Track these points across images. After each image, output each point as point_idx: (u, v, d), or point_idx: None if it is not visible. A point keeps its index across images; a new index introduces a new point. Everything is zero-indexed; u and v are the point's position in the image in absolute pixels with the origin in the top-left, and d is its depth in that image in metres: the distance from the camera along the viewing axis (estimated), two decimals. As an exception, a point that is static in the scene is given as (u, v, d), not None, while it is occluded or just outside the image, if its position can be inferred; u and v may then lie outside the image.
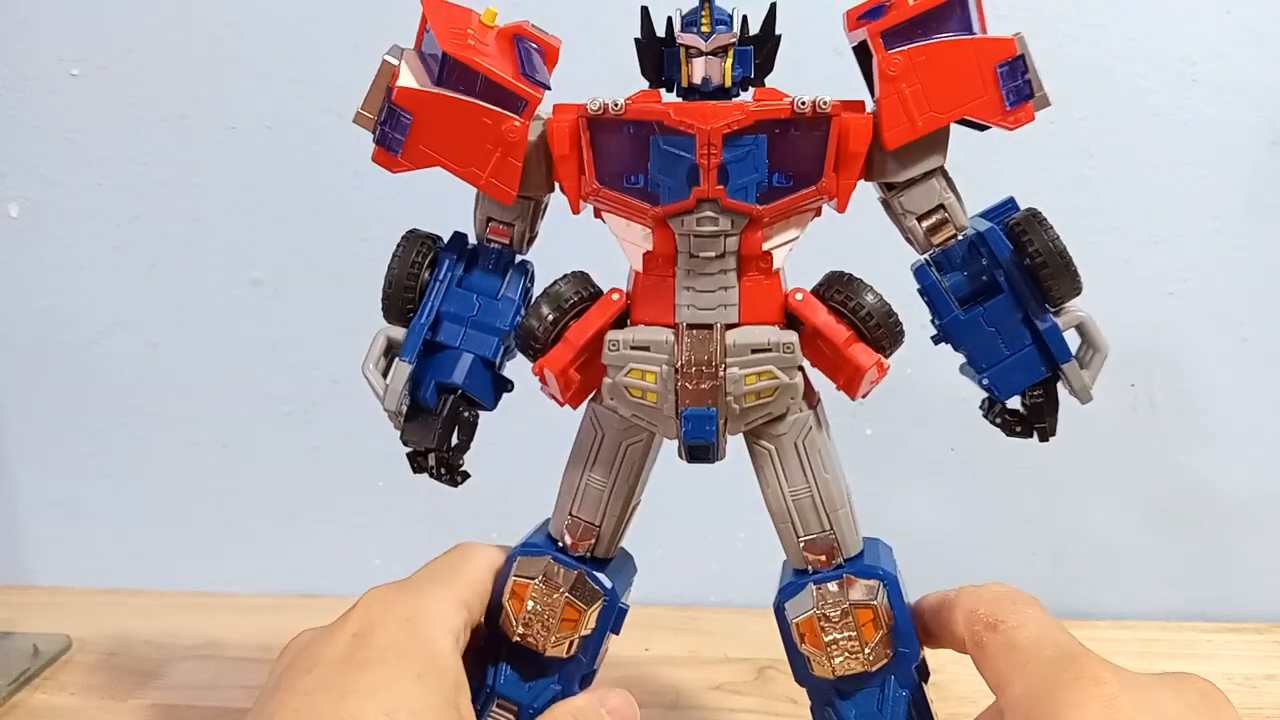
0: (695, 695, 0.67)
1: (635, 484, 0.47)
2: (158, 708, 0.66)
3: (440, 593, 0.44)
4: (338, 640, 0.40)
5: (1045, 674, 0.39)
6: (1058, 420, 0.46)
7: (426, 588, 0.44)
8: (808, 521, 0.46)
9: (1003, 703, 0.40)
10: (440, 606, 0.43)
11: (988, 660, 0.41)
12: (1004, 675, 0.40)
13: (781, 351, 0.43)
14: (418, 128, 0.43)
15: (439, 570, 0.46)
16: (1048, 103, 0.42)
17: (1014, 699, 0.39)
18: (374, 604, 0.42)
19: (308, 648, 0.41)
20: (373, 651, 0.40)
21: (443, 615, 0.43)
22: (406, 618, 0.42)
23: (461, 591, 0.45)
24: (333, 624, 0.42)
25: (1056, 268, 0.43)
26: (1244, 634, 0.74)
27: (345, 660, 0.39)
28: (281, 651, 0.43)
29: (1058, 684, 0.38)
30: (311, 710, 0.38)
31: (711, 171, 0.41)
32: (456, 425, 0.46)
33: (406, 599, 0.43)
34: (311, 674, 0.39)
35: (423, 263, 0.46)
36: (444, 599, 0.44)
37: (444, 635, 0.42)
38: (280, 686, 0.40)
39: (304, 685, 0.39)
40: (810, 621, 0.45)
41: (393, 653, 0.40)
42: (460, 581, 0.45)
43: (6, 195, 0.78)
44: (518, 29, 0.44)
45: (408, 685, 0.39)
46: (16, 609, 0.78)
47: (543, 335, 0.45)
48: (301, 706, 0.38)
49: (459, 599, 0.44)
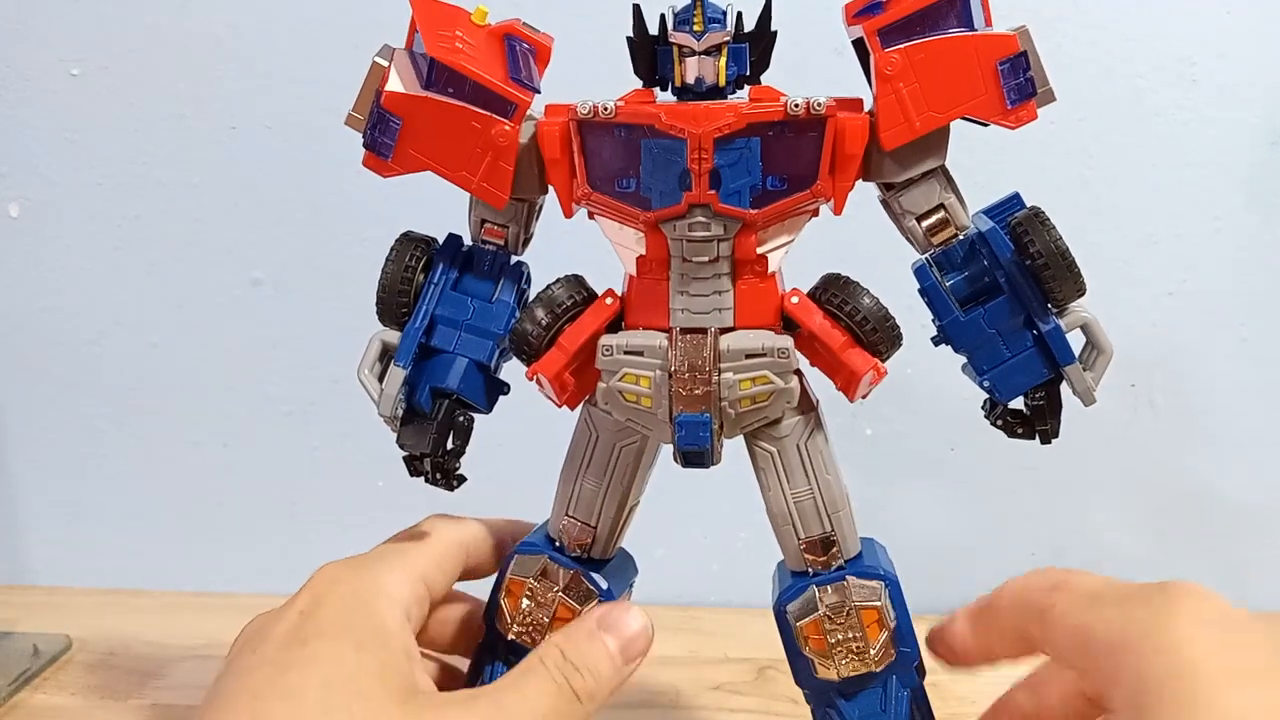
0: (695, 695, 0.67)
1: (630, 485, 0.47)
2: (158, 708, 0.66)
3: (391, 567, 0.44)
4: (286, 618, 0.41)
5: (1137, 602, 0.37)
6: (1060, 422, 0.45)
7: (377, 564, 0.44)
8: (809, 523, 0.46)
9: (1094, 648, 0.38)
10: (389, 579, 0.43)
11: (1058, 619, 0.39)
12: (1085, 621, 0.38)
13: (776, 356, 0.43)
14: (407, 132, 0.42)
15: (394, 545, 0.46)
16: (1052, 98, 0.42)
17: (1107, 634, 0.37)
18: (321, 582, 0.43)
19: (258, 630, 0.41)
20: (316, 627, 0.40)
21: (390, 588, 0.43)
22: (352, 592, 0.42)
23: (416, 565, 0.45)
24: (284, 604, 0.42)
25: (1058, 268, 0.42)
26: (1244, 634, 0.73)
27: (289, 637, 0.40)
28: (237, 635, 0.43)
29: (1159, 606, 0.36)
30: (252, 688, 0.38)
31: (703, 176, 0.41)
32: (452, 429, 0.46)
33: (354, 574, 0.43)
34: (256, 653, 0.39)
35: (417, 266, 0.46)
36: (394, 572, 0.44)
37: (390, 607, 0.42)
38: (228, 668, 0.40)
39: (249, 663, 0.39)
40: (815, 624, 0.45)
41: (335, 625, 0.40)
42: (416, 555, 0.45)
43: (6, 195, 0.78)
44: (508, 28, 0.43)
45: (346, 655, 0.39)
46: (16, 609, 0.78)
47: (537, 339, 0.44)
48: (244, 685, 0.38)
49: (413, 573, 0.44)
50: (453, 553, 0.47)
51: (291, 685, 0.38)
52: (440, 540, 0.47)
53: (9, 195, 0.78)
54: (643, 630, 0.44)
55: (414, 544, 0.46)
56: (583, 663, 0.42)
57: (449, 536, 0.47)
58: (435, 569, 0.46)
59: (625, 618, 0.44)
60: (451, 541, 0.47)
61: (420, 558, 0.45)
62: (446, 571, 0.46)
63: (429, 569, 0.45)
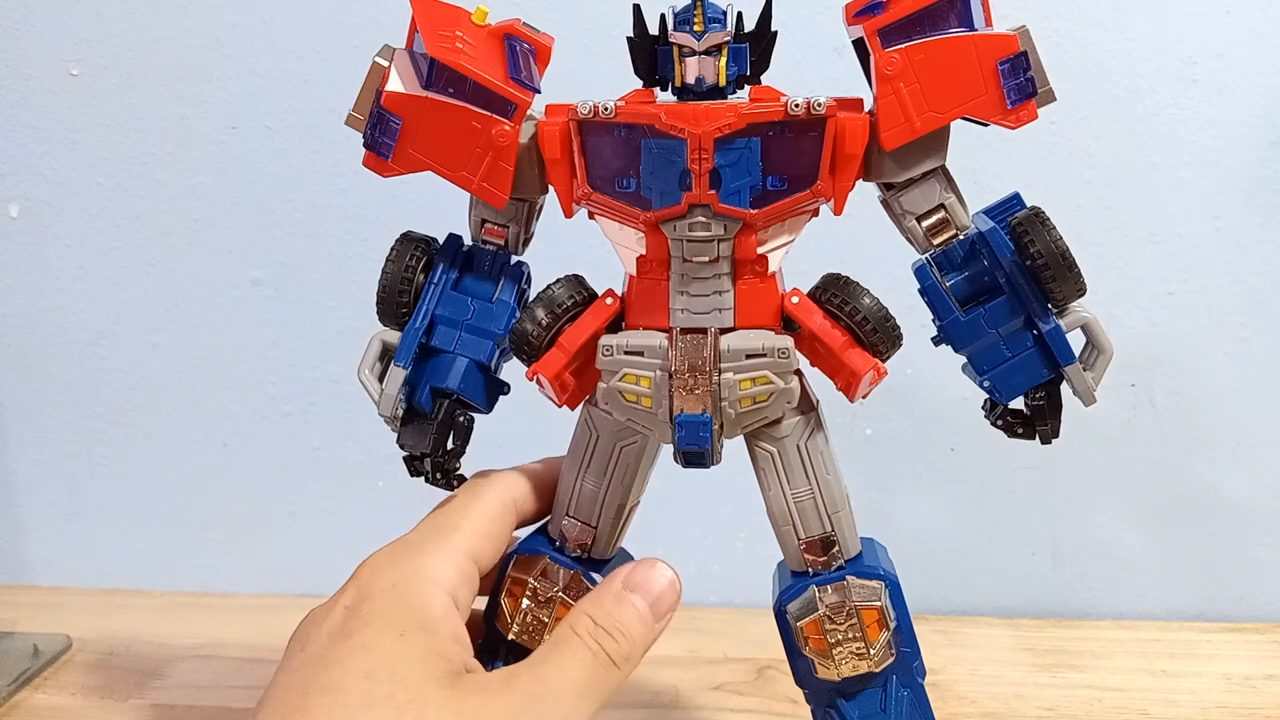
0: (695, 695, 0.67)
1: (630, 485, 0.47)
2: (158, 708, 0.66)
3: (435, 549, 0.43)
4: (334, 614, 0.41)
5: None
6: (1060, 422, 0.45)
7: (419, 548, 0.43)
8: (809, 523, 0.46)
9: None
10: (432, 564, 0.42)
11: None
12: None
13: (777, 356, 0.43)
14: (407, 132, 0.42)
15: (439, 522, 0.45)
16: (1053, 98, 0.41)
17: None
18: (365, 573, 0.42)
19: (307, 626, 0.42)
20: (359, 620, 0.40)
21: (434, 573, 0.42)
22: (394, 582, 0.41)
23: (463, 543, 0.44)
24: (331, 598, 0.42)
25: (1058, 269, 0.42)
26: (1244, 634, 0.74)
27: (335, 633, 0.40)
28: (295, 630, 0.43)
29: None
30: (298, 685, 0.38)
31: (703, 176, 0.41)
32: (452, 429, 0.46)
33: (396, 563, 0.43)
34: (305, 650, 0.40)
35: (417, 266, 0.46)
36: (438, 555, 0.43)
37: (434, 592, 0.41)
38: (279, 668, 0.40)
39: (296, 663, 0.39)
40: (815, 624, 0.45)
41: (378, 617, 0.40)
42: (462, 532, 0.44)
43: (6, 195, 0.78)
44: (508, 28, 0.43)
45: (388, 644, 0.39)
46: (16, 609, 0.78)
47: (537, 339, 0.44)
48: (290, 683, 0.38)
49: (458, 551, 0.43)
50: (500, 516, 0.46)
51: (334, 680, 0.38)
52: (486, 509, 0.45)
53: (9, 195, 0.78)
54: (670, 585, 0.43)
55: (458, 518, 0.45)
56: (613, 626, 0.41)
57: (493, 500, 0.46)
58: (482, 541, 0.45)
59: (651, 574, 0.43)
60: (498, 503, 0.46)
61: (465, 536, 0.44)
62: (495, 538, 0.45)
63: (475, 544, 0.44)
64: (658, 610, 0.43)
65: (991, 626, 0.75)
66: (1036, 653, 0.71)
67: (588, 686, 0.40)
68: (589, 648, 0.41)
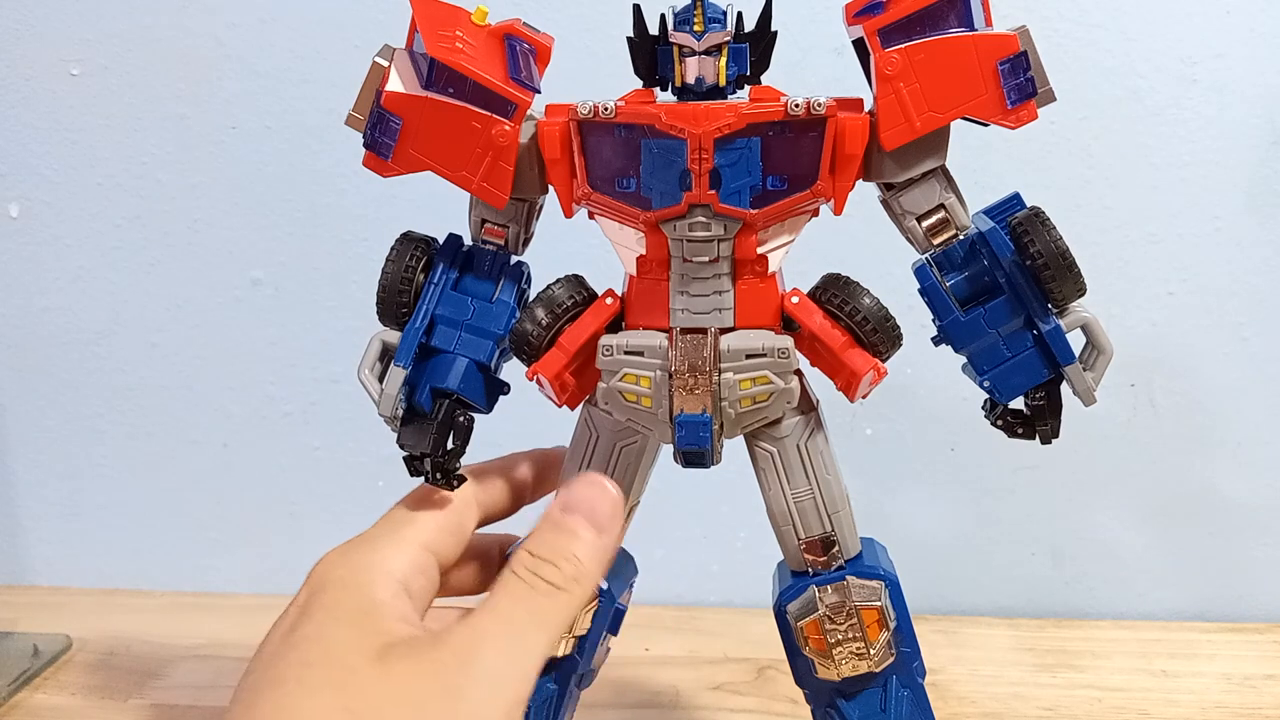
0: (695, 695, 0.67)
1: (630, 485, 0.47)
2: (158, 708, 0.66)
3: (387, 542, 0.43)
4: (288, 614, 0.41)
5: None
6: (1061, 422, 0.45)
7: (371, 542, 0.43)
8: (809, 523, 0.46)
9: None
10: (384, 555, 0.42)
11: None
12: None
13: (777, 356, 0.43)
14: (407, 132, 0.42)
15: (394, 516, 0.45)
16: (1053, 98, 0.41)
17: None
18: (317, 571, 0.42)
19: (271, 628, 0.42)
20: (306, 615, 0.40)
21: (386, 564, 0.42)
22: (341, 577, 0.41)
23: (418, 535, 0.44)
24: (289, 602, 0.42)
25: (1058, 269, 0.42)
26: (1244, 634, 0.74)
27: (286, 630, 0.40)
28: None
29: None
30: (252, 686, 0.38)
31: (703, 176, 0.41)
32: (452, 429, 0.46)
33: (347, 557, 0.42)
34: (260, 653, 0.40)
35: (417, 266, 0.45)
36: (391, 547, 0.43)
37: (382, 580, 0.41)
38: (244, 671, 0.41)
39: (253, 665, 0.39)
40: (815, 624, 0.45)
41: (322, 609, 0.40)
42: (417, 525, 0.44)
43: (6, 195, 0.78)
44: (508, 28, 0.43)
45: (330, 633, 0.39)
46: (16, 609, 0.78)
47: (537, 340, 0.44)
48: (246, 685, 0.39)
49: (412, 543, 0.43)
50: (459, 510, 0.46)
51: (279, 674, 0.38)
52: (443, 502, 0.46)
53: (9, 195, 0.78)
54: (601, 491, 0.43)
55: (417, 514, 0.45)
56: (551, 554, 0.41)
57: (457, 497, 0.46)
58: (439, 533, 0.45)
59: (579, 489, 0.43)
60: (456, 498, 0.46)
61: (420, 529, 0.44)
62: (455, 531, 0.45)
63: (431, 536, 0.44)
64: (598, 522, 0.42)
65: (991, 626, 0.75)
66: (1036, 653, 0.71)
67: (530, 620, 0.40)
68: (525, 582, 0.40)
